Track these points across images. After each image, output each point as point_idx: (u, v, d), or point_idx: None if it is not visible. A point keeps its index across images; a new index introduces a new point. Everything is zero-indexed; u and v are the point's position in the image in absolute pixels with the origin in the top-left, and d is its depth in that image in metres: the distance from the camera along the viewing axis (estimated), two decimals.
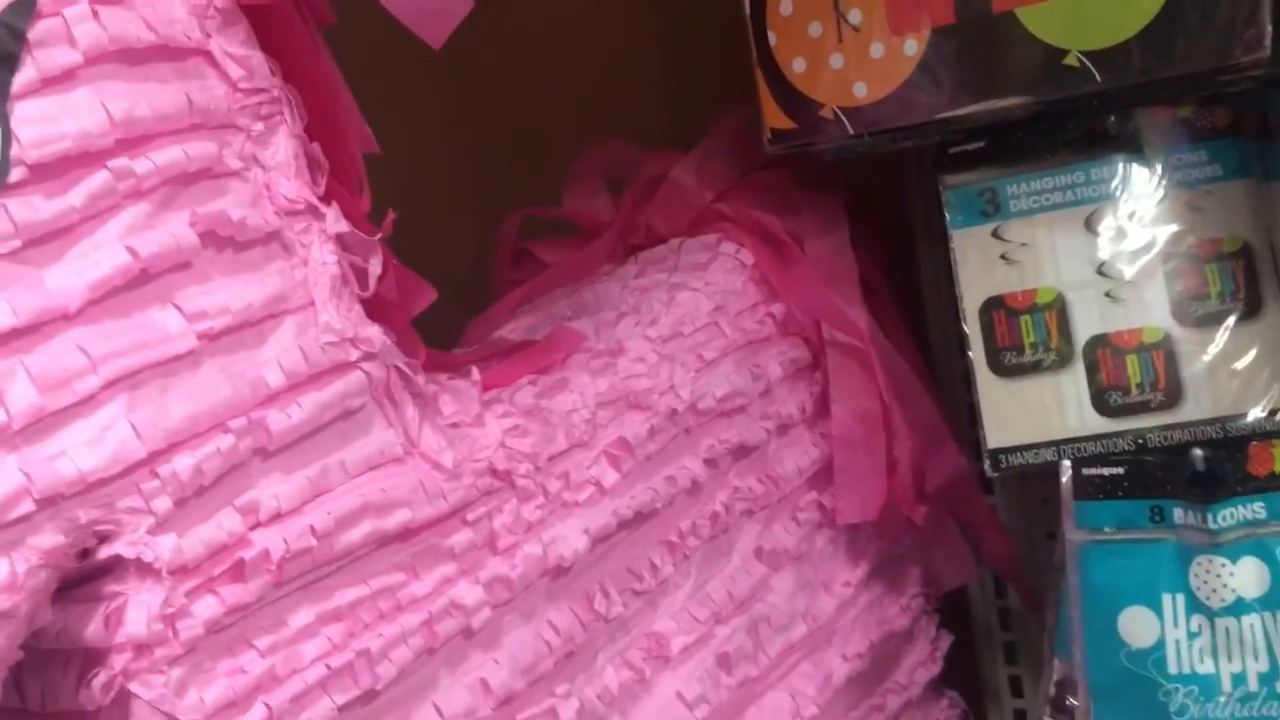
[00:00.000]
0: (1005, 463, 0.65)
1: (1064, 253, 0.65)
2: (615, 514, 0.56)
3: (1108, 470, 0.61)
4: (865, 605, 0.69)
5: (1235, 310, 0.62)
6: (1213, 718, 0.57)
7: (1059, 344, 0.64)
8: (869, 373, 0.69)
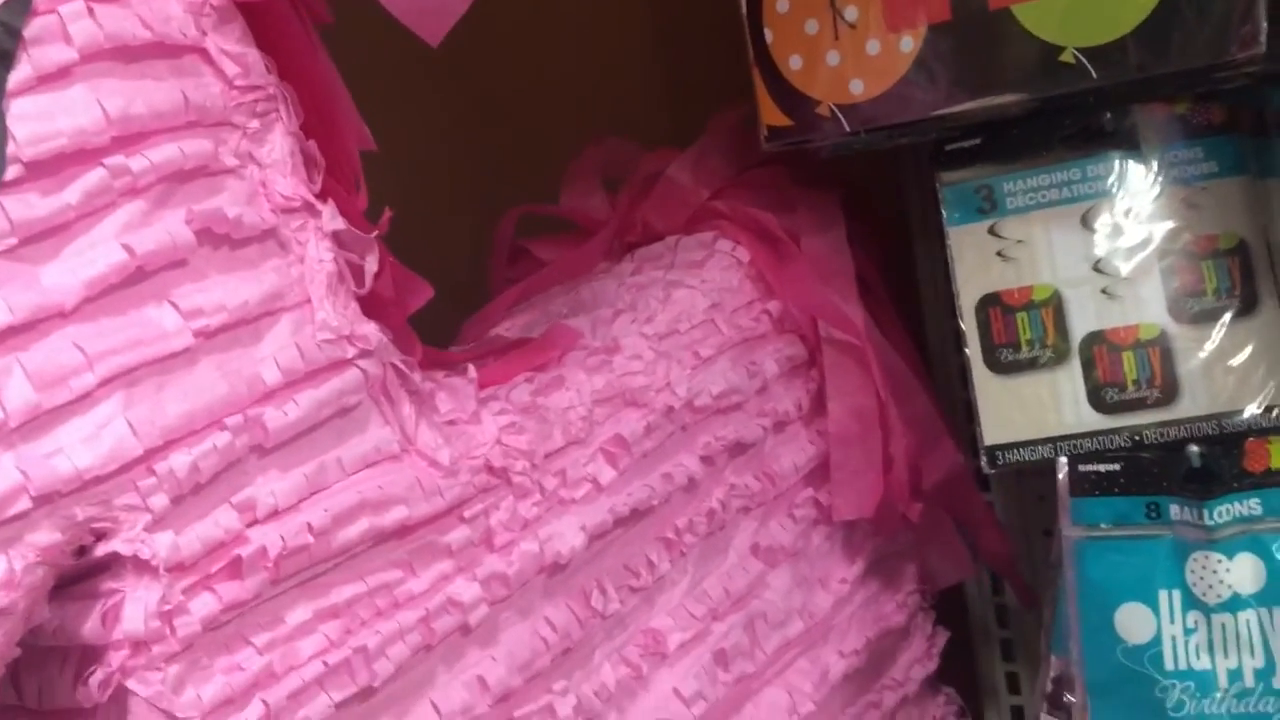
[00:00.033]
0: (1002, 459, 0.65)
1: (1060, 250, 0.65)
2: (612, 511, 0.56)
3: (1104, 467, 0.61)
4: (862, 602, 0.69)
5: (1231, 307, 0.62)
6: (1209, 714, 0.57)
7: (1055, 341, 0.64)
8: (865, 370, 0.69)
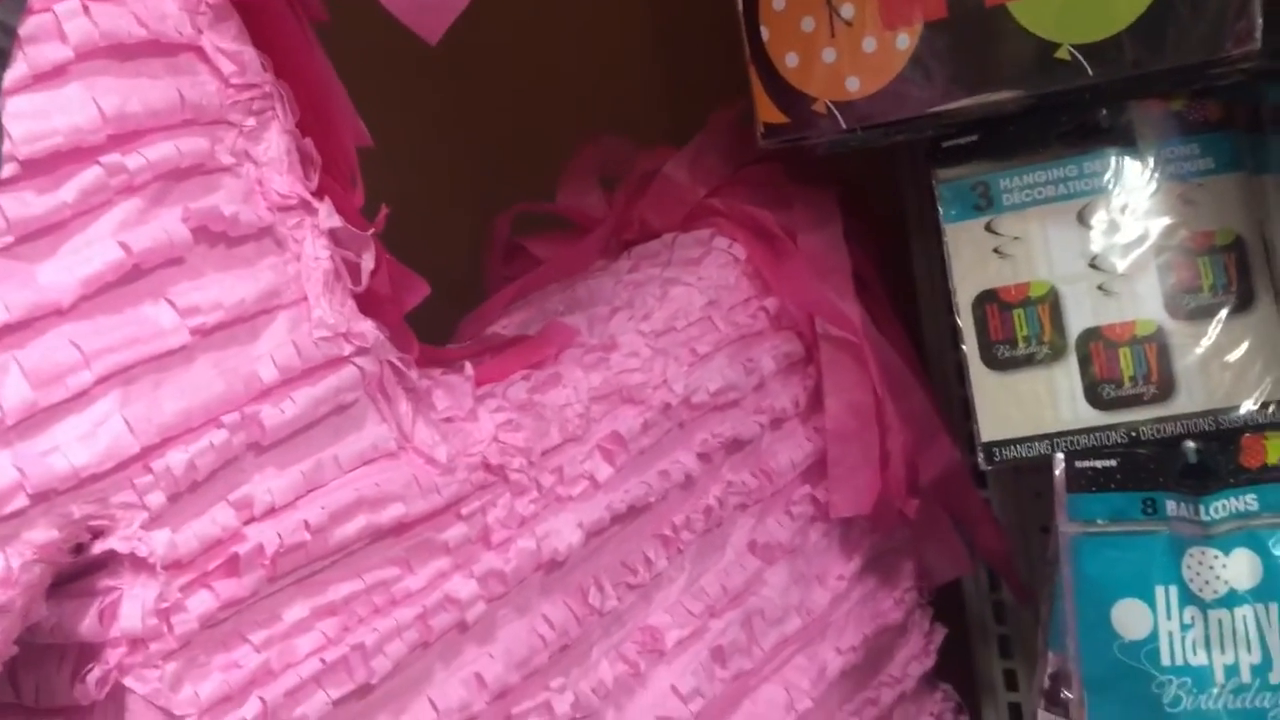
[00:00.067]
0: (998, 456, 0.65)
1: (1056, 246, 0.65)
2: (609, 508, 0.56)
3: (1100, 463, 0.61)
4: (859, 599, 0.69)
5: (1227, 303, 0.62)
6: (1206, 709, 0.57)
7: (1052, 337, 0.64)
8: (862, 367, 0.69)
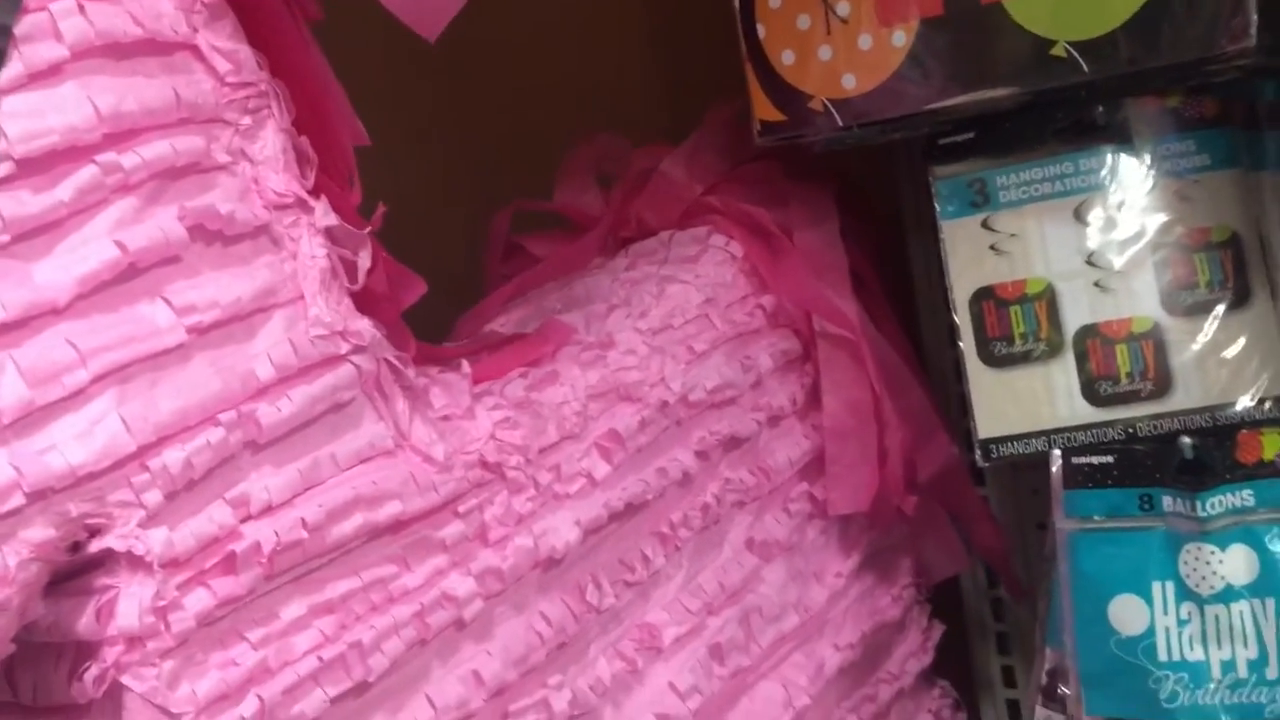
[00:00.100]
0: (996, 453, 0.65)
1: (1053, 243, 0.65)
2: (606, 506, 0.56)
3: (1097, 459, 0.61)
4: (857, 596, 0.69)
5: (1224, 299, 0.62)
6: (1202, 704, 0.57)
7: (1049, 334, 0.64)
8: (859, 364, 0.69)
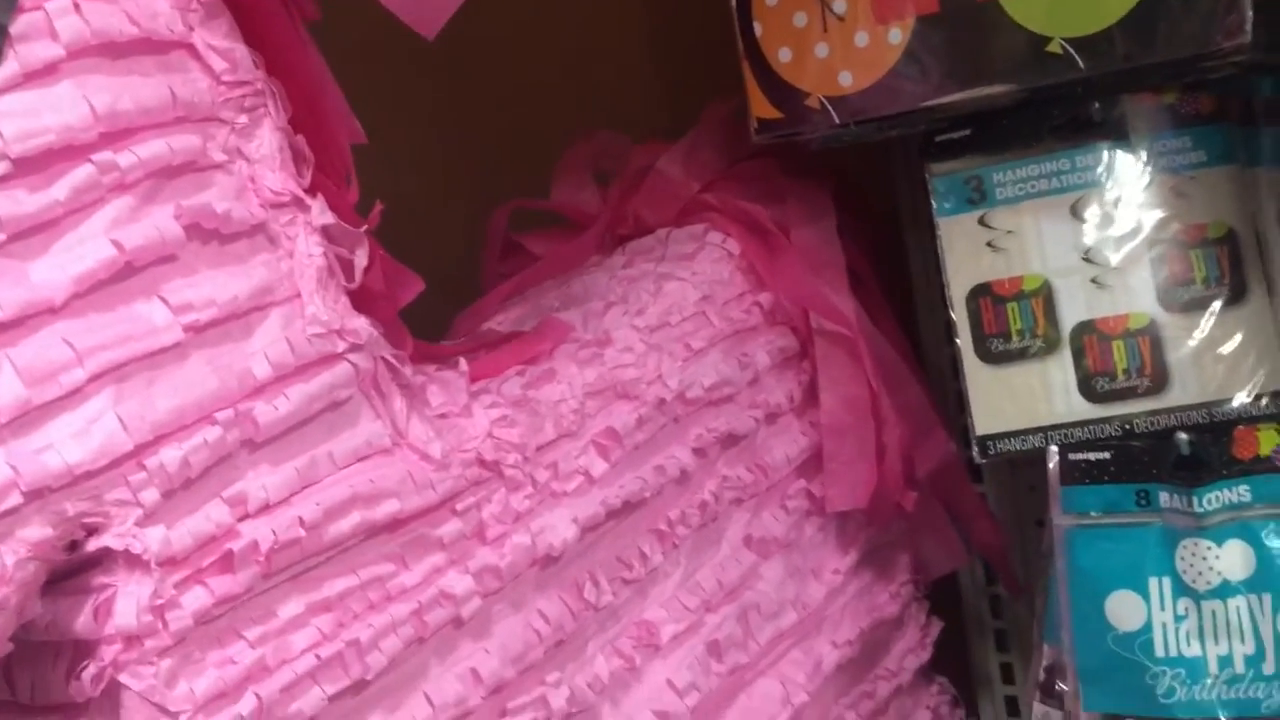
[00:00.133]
0: (993, 449, 0.66)
1: (1050, 240, 0.65)
2: (604, 503, 0.56)
3: (1094, 455, 0.61)
4: (855, 592, 0.69)
5: (1220, 295, 0.62)
6: (1199, 700, 0.57)
7: (1046, 330, 0.65)
8: (857, 361, 0.69)
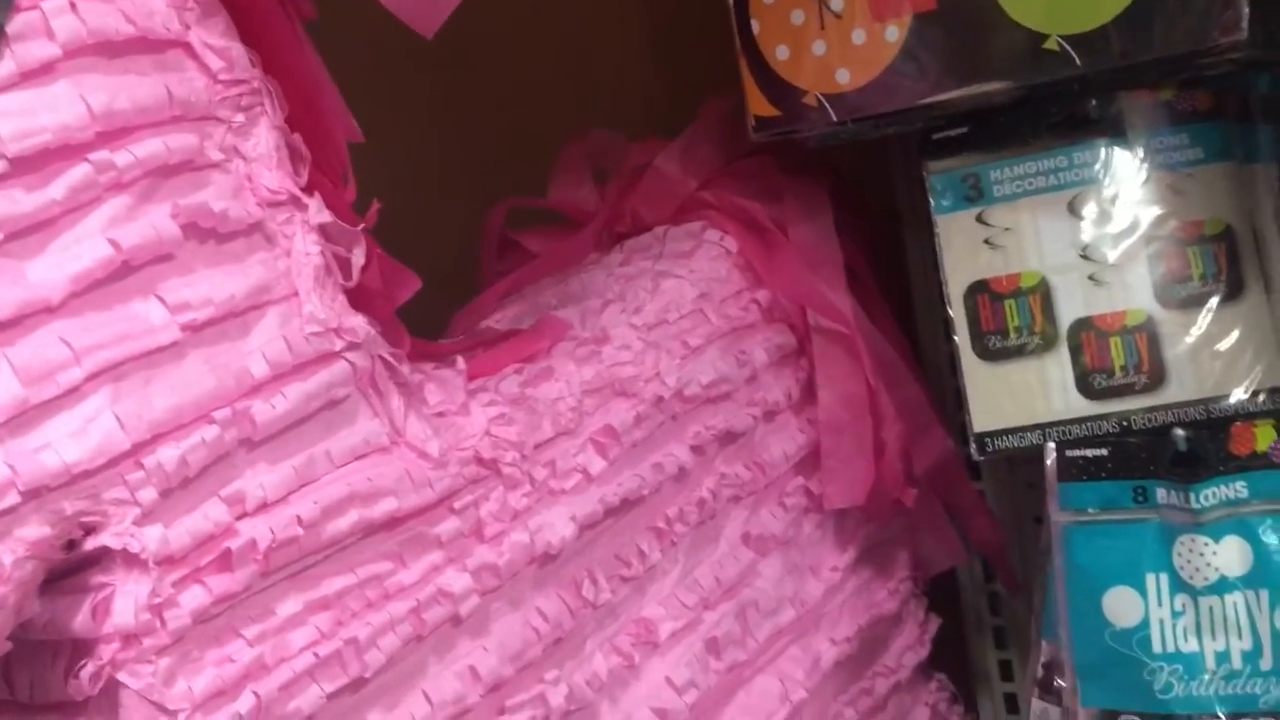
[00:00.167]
0: (991, 446, 0.66)
1: (1047, 237, 0.65)
2: (602, 501, 0.56)
3: (1091, 451, 0.61)
4: (853, 589, 0.69)
5: (1217, 292, 0.62)
6: (1197, 695, 0.57)
7: (1043, 327, 0.65)
8: (855, 358, 0.69)
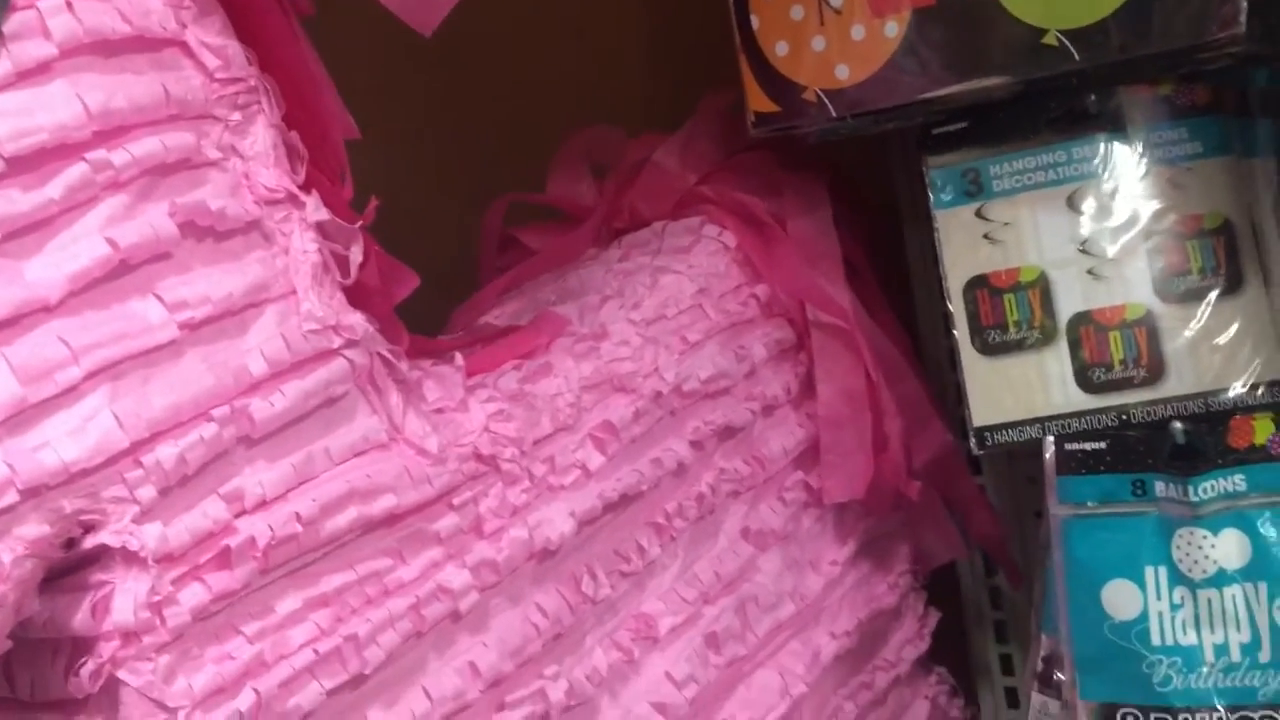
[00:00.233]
0: (990, 440, 0.66)
1: (1046, 231, 0.65)
2: (601, 497, 0.56)
3: (1090, 445, 0.61)
4: (853, 583, 0.69)
5: (1216, 286, 0.62)
6: (1196, 688, 0.57)
7: (1042, 322, 0.65)
8: (854, 352, 0.69)
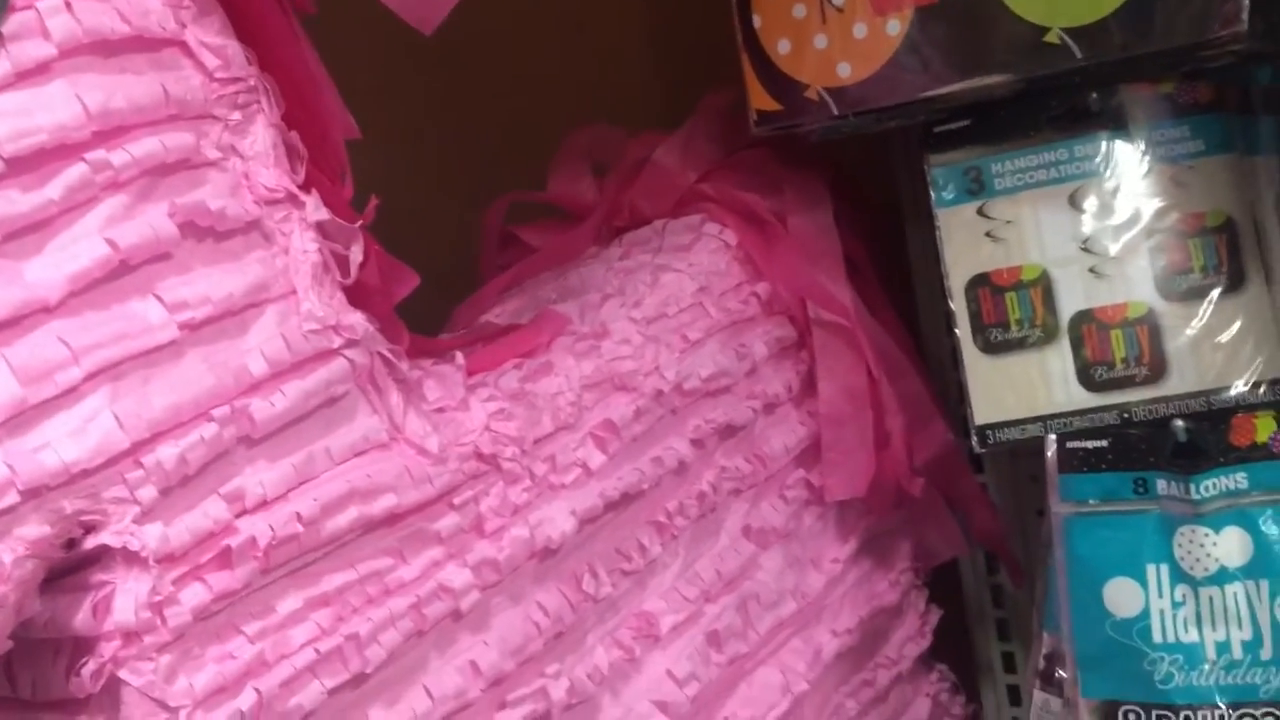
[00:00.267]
0: (992, 439, 0.66)
1: (1048, 229, 0.65)
2: (602, 495, 0.56)
3: (1091, 443, 0.61)
4: (854, 581, 0.69)
5: (1218, 284, 0.62)
6: (1197, 686, 0.57)
7: (1044, 320, 0.65)
8: (855, 350, 0.69)
